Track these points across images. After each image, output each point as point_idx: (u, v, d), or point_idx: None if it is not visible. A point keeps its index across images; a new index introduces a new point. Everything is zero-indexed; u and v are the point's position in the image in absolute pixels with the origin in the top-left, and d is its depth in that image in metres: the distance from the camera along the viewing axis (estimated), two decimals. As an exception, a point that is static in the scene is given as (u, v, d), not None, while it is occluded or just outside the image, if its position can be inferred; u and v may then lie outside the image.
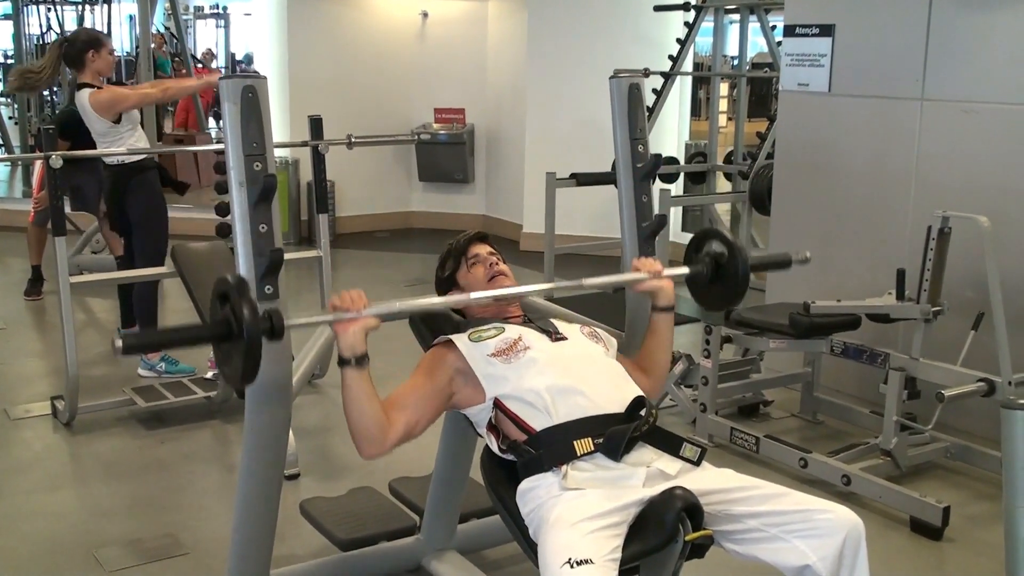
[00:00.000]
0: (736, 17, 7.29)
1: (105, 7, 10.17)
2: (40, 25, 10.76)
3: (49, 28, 10.68)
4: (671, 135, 7.73)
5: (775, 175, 5.00)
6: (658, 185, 6.12)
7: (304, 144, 4.61)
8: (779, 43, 5.59)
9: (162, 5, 11.41)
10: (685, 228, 7.71)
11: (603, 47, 7.34)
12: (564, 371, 2.26)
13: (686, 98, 7.84)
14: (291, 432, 3.48)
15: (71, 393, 4.10)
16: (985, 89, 4.00)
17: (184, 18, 12.52)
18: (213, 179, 5.35)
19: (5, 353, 5.20)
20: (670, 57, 6.97)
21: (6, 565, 3.09)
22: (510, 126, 8.21)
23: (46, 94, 11.29)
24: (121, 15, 11.25)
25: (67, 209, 4.58)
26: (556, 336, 2.38)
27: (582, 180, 5.51)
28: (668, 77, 6.93)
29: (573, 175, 5.69)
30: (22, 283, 6.25)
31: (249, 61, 13.64)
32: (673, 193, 7.07)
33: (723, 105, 7.93)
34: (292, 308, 2.19)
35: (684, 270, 2.48)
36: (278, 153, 7.73)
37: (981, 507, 3.50)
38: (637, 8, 7.30)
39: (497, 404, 2.27)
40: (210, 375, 4.51)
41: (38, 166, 6.15)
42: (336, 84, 8.03)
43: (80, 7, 10.38)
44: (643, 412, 2.20)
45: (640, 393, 2.29)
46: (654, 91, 6.92)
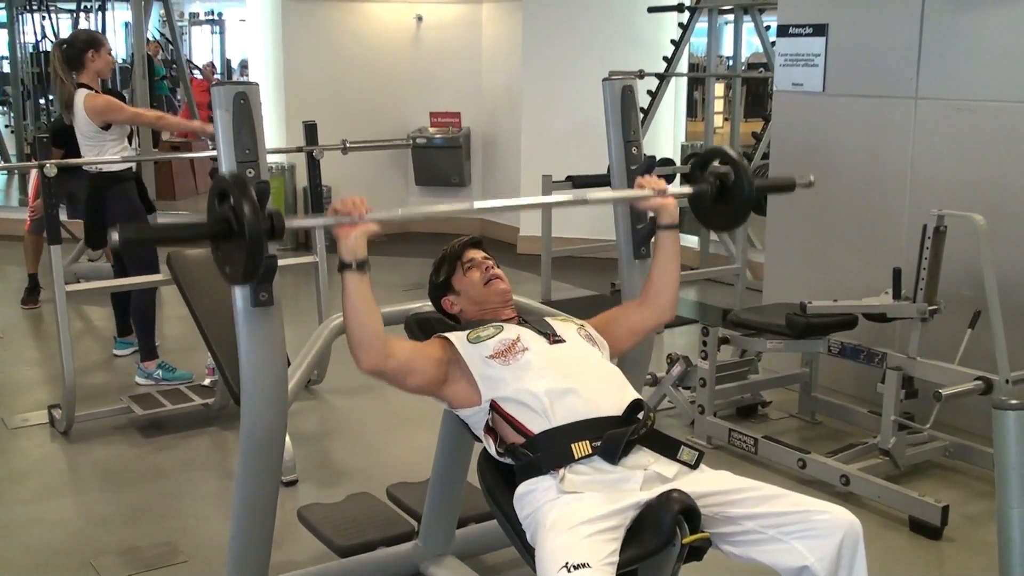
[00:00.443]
0: (731, 18, 7.30)
1: (100, 14, 10.17)
2: (35, 33, 10.76)
3: (44, 36, 10.67)
4: (667, 136, 7.73)
5: (771, 175, 5.00)
6: (654, 186, 6.12)
7: (299, 150, 4.62)
8: (773, 43, 5.59)
9: (157, 11, 11.40)
10: (682, 229, 7.67)
11: (598, 49, 7.34)
12: (562, 374, 2.26)
13: (682, 99, 7.85)
14: (289, 438, 3.50)
15: (68, 401, 4.09)
16: (979, 87, 4.00)
17: (179, 24, 12.52)
18: (209, 186, 5.35)
19: (2, 362, 5.19)
20: (665, 58, 6.97)
21: (4, 574, 3.09)
22: (506, 129, 8.21)
23: (42, 102, 11.31)
24: (116, 22, 11.25)
25: (63, 217, 4.58)
26: (554, 338, 2.38)
27: (578, 182, 5.51)
28: (663, 78, 6.94)
29: (569, 177, 5.70)
30: (19, 291, 6.24)
31: (242, 67, 13.64)
32: (669, 194, 7.06)
33: (719, 105, 7.94)
34: (289, 314, 2.18)
35: (688, 189, 2.48)
36: (275, 159, 7.73)
37: (980, 506, 3.49)
38: (631, 10, 7.30)
39: (494, 407, 2.27)
40: (207, 382, 4.50)
41: (33, 174, 6.15)
42: (332, 89, 8.03)
43: (75, 14, 10.38)
44: (641, 415, 2.20)
45: (638, 396, 2.29)
46: (649, 92, 6.92)
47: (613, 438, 2.12)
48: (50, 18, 10.54)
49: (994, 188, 3.96)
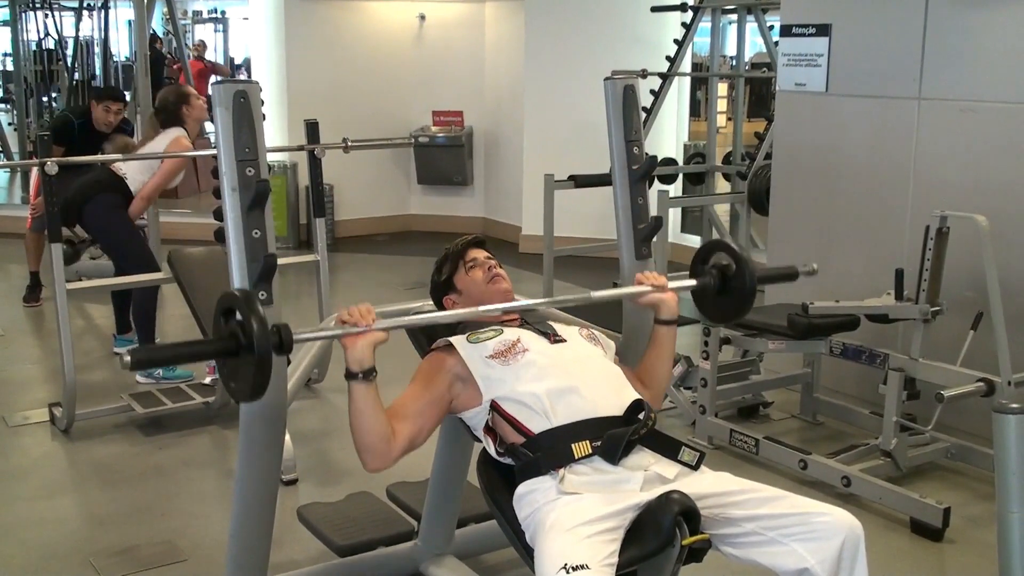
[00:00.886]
0: (734, 17, 7.28)
1: (103, 12, 10.16)
2: (38, 31, 10.77)
3: (47, 34, 10.68)
4: (670, 136, 7.72)
5: (773, 175, 4.99)
6: (657, 186, 6.11)
7: (300, 148, 4.61)
8: (777, 43, 5.58)
9: (160, 10, 11.39)
10: (684, 229, 7.71)
11: (600, 48, 7.33)
12: (563, 374, 2.26)
13: (684, 99, 7.83)
14: (289, 437, 3.50)
15: (69, 400, 4.09)
16: (982, 88, 3.99)
17: (182, 23, 12.51)
18: (211, 184, 5.36)
19: (3, 360, 5.19)
20: (668, 58, 6.96)
21: (3, 572, 3.09)
22: (508, 128, 8.20)
23: (45, 100, 11.31)
24: (119, 20, 11.24)
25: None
26: (555, 338, 2.38)
27: (580, 182, 5.48)
28: (666, 78, 6.92)
29: (571, 177, 5.67)
30: (21, 289, 6.24)
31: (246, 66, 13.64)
32: (672, 194, 7.06)
33: (722, 105, 7.92)
34: (290, 312, 2.18)
35: (691, 283, 2.47)
36: (277, 157, 7.73)
37: (982, 508, 3.49)
38: (634, 9, 7.29)
39: (494, 406, 2.26)
40: (208, 380, 4.50)
41: (35, 172, 6.15)
42: (334, 87, 8.03)
43: (78, 12, 10.38)
44: (642, 415, 2.19)
45: (639, 396, 2.28)
46: (652, 92, 6.91)
47: (613, 438, 2.12)
48: (53, 16, 10.55)
49: (997, 189, 3.95)
